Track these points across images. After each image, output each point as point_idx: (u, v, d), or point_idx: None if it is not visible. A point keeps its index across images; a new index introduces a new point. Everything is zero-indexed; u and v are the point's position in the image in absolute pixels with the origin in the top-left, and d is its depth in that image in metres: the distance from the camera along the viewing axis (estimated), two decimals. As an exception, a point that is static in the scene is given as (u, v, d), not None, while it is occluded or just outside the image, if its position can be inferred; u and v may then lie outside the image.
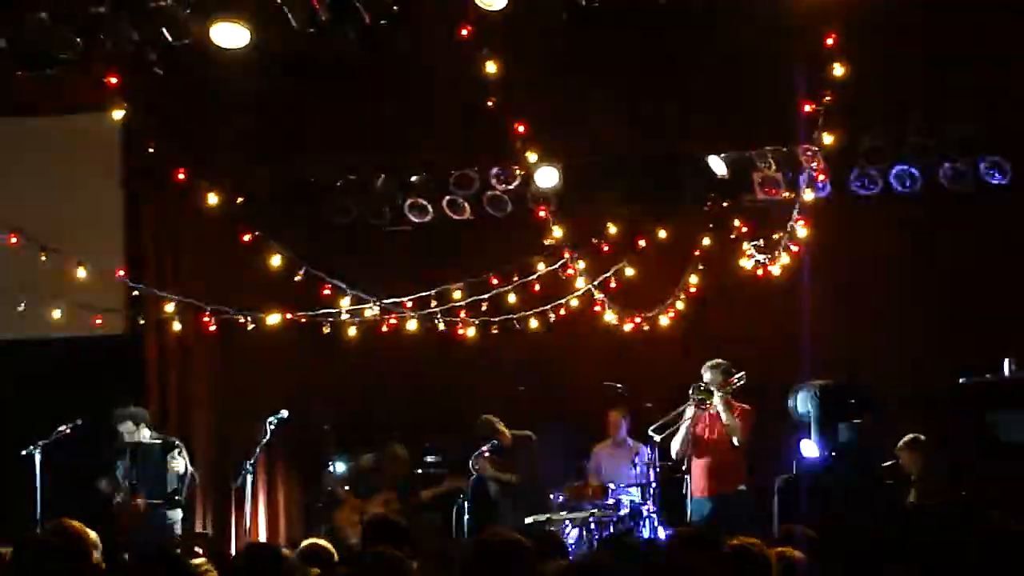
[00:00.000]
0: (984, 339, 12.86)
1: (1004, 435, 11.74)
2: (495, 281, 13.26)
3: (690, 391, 12.33)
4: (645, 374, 13.83)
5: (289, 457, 14.53)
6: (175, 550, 5.54)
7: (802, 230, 12.47)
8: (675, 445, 12.41)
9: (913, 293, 13.92)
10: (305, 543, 7.64)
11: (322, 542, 7.64)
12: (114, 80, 11.17)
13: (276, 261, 12.23)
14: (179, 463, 12.39)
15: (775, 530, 10.57)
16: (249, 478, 12.07)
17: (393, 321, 13.07)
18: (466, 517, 12.40)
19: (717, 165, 13.79)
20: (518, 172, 13.43)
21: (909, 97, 13.52)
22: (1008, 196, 13.48)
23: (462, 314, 13.15)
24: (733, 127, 13.66)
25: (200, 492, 13.63)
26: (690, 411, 12.35)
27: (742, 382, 12.43)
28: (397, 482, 13.79)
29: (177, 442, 12.58)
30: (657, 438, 12.50)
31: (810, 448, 12.10)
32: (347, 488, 13.91)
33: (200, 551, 8.11)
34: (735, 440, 12.30)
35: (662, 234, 13.83)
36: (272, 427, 12.21)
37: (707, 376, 12.46)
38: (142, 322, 13.43)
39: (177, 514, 12.45)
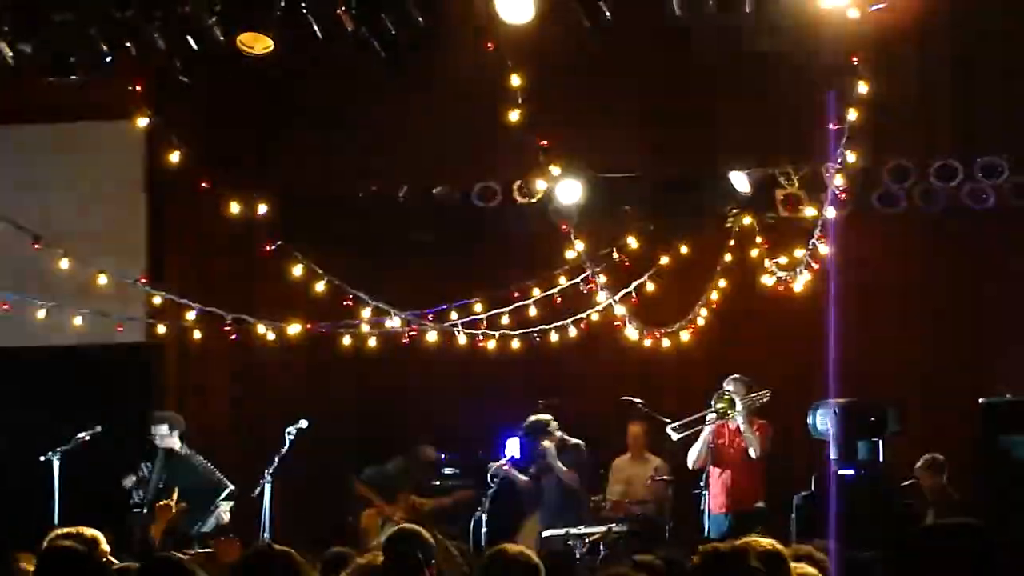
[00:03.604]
0: (1007, 359, 12.81)
1: (1024, 456, 11.69)
2: (516, 295, 13.22)
3: (712, 400, 12.32)
4: (665, 390, 13.81)
5: (309, 466, 14.50)
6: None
7: (824, 247, 12.43)
8: (692, 455, 12.41)
9: (935, 312, 13.88)
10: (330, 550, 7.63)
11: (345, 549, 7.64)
12: (139, 87, 11.17)
13: (298, 271, 12.22)
14: (227, 514, 12.34)
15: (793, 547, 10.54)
16: (268, 487, 12.04)
17: (413, 333, 13.03)
18: (483, 530, 12.35)
19: (740, 182, 13.77)
20: (540, 186, 13.40)
21: (935, 116, 13.50)
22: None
23: (483, 327, 13.12)
24: (757, 144, 13.64)
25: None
26: (711, 419, 12.34)
27: (765, 399, 12.43)
28: (421, 485, 13.79)
29: (235, 492, 12.48)
30: (675, 437, 12.46)
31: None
32: (374, 491, 13.87)
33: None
34: (753, 453, 12.29)
35: (684, 250, 13.79)
36: (291, 436, 12.17)
37: (729, 388, 12.44)
38: (163, 330, 13.41)
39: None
